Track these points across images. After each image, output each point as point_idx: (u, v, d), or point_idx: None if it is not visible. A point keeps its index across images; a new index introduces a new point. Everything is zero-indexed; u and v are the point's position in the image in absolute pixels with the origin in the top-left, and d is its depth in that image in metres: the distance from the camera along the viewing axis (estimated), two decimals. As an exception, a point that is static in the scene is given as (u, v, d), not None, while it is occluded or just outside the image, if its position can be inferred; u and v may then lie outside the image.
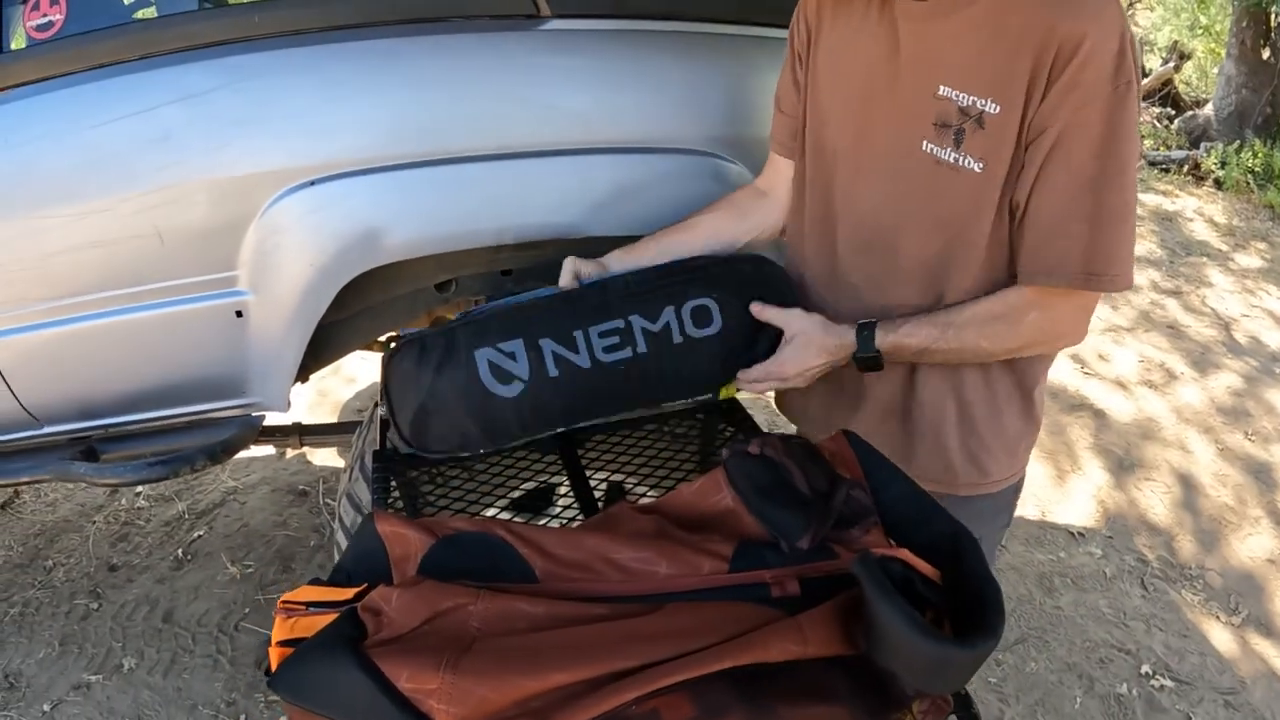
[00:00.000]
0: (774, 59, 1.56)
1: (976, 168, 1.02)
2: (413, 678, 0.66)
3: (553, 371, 1.14)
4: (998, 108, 0.98)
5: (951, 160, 1.03)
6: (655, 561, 0.78)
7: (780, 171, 1.33)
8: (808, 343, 1.15)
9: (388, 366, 1.18)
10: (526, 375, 1.13)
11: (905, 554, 0.72)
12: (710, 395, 1.27)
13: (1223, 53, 6.81)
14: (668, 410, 1.43)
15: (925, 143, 1.05)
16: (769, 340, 1.19)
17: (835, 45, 1.16)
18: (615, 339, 1.17)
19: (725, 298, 1.20)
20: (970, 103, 1.00)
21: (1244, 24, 6.32)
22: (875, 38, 1.09)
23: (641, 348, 1.17)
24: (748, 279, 1.24)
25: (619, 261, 1.28)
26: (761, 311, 1.18)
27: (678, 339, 1.18)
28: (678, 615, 0.72)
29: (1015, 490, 1.28)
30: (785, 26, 1.56)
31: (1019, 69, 0.96)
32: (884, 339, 1.11)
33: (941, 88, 1.02)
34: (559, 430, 1.24)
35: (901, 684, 0.65)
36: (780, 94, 1.30)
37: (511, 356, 1.13)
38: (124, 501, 2.75)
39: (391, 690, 0.66)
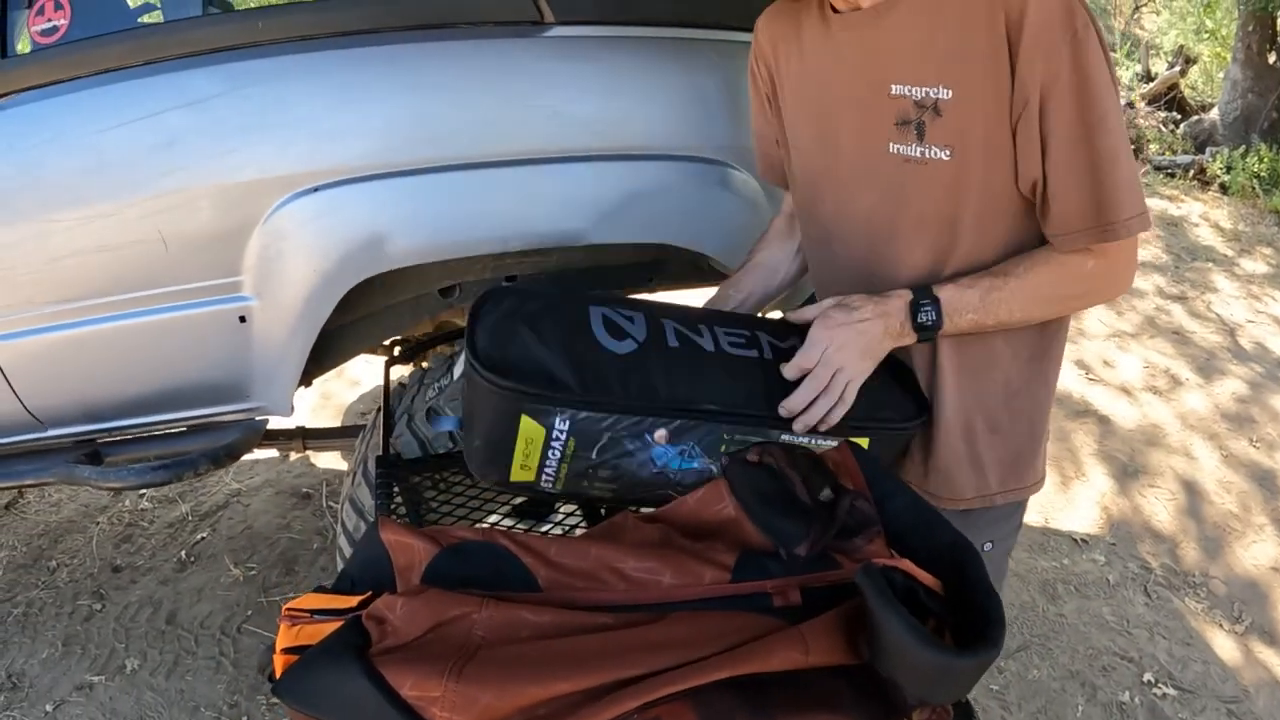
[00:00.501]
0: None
1: (944, 156, 1.00)
2: (416, 685, 0.66)
3: (672, 341, 0.99)
4: (950, 93, 0.98)
5: (919, 155, 1.02)
6: (659, 571, 0.78)
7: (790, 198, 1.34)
8: (834, 304, 1.05)
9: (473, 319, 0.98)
10: (643, 337, 0.98)
11: (907, 564, 0.72)
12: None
13: (1229, 57, 6.81)
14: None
15: (891, 144, 1.04)
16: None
17: (794, 76, 1.17)
18: (742, 339, 1.05)
19: None
20: (924, 94, 1.00)
21: (1250, 28, 6.32)
22: (825, 57, 1.10)
23: (769, 354, 1.03)
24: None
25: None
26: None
27: None
28: (680, 625, 0.72)
29: (1020, 507, 1.26)
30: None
31: (971, 48, 0.95)
32: (941, 288, 1.04)
33: (893, 87, 1.02)
34: (656, 415, 0.94)
35: (903, 693, 0.65)
36: (757, 134, 1.31)
37: (630, 320, 1.00)
38: (128, 503, 2.76)
39: (395, 698, 0.66)
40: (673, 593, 0.75)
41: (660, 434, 0.95)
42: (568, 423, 0.91)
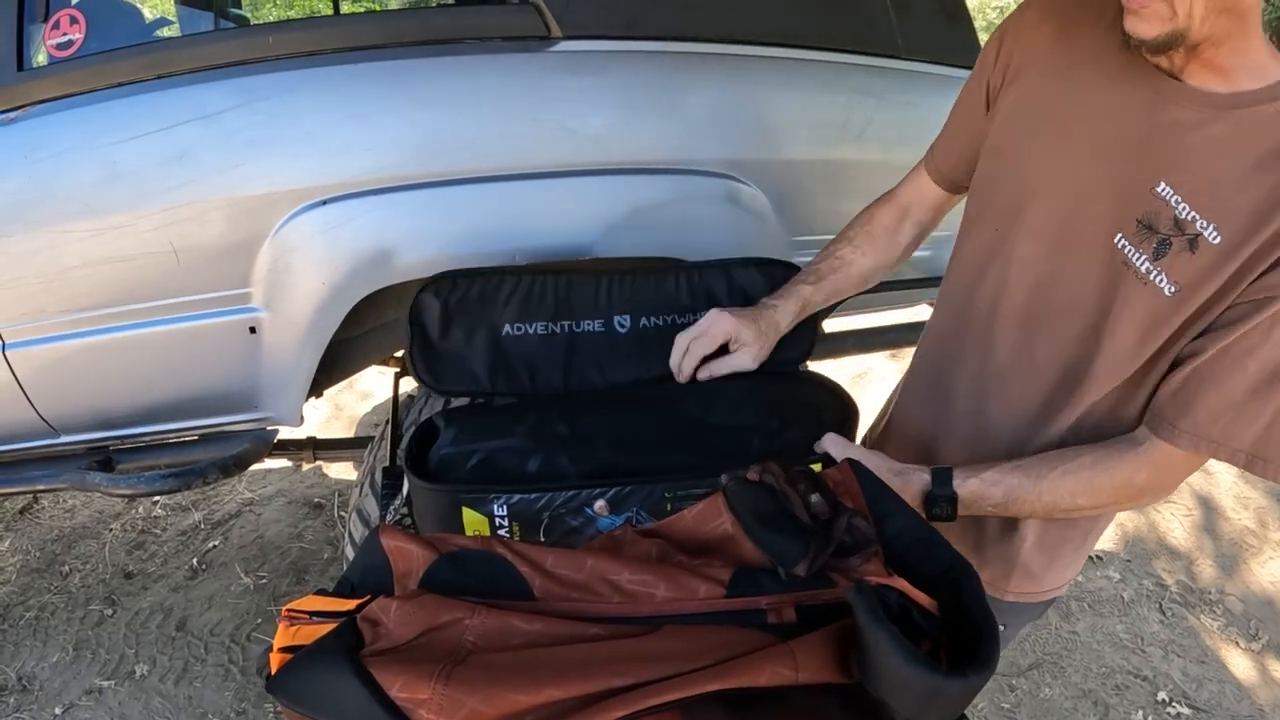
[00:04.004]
0: (788, 80, 1.57)
1: (1167, 291, 0.87)
2: (405, 687, 0.67)
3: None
4: (1219, 238, 0.83)
5: (1143, 270, 0.88)
6: (654, 584, 0.78)
7: (925, 193, 1.21)
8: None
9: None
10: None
11: (902, 584, 0.71)
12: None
13: (1248, 70, 6.76)
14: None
15: (1120, 237, 0.90)
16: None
17: (1049, 84, 0.98)
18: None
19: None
20: (1189, 217, 0.85)
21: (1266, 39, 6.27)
22: (1106, 94, 0.93)
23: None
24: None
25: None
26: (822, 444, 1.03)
27: None
28: (672, 638, 0.72)
29: (1049, 603, 1.24)
30: (798, 47, 1.58)
31: (1271, 216, 0.82)
32: (963, 482, 0.98)
33: (1162, 184, 0.87)
34: (589, 488, 1.00)
35: (893, 714, 0.65)
36: (960, 119, 1.14)
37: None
38: (141, 510, 2.78)
39: (384, 698, 0.66)
40: (666, 606, 0.75)
41: (600, 505, 0.97)
42: (505, 509, 0.96)
